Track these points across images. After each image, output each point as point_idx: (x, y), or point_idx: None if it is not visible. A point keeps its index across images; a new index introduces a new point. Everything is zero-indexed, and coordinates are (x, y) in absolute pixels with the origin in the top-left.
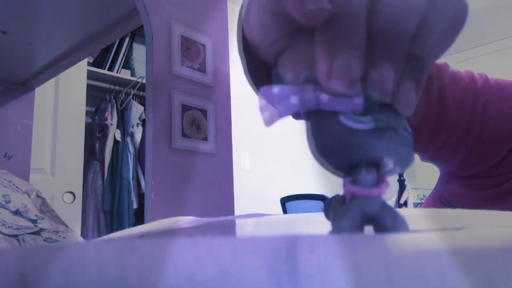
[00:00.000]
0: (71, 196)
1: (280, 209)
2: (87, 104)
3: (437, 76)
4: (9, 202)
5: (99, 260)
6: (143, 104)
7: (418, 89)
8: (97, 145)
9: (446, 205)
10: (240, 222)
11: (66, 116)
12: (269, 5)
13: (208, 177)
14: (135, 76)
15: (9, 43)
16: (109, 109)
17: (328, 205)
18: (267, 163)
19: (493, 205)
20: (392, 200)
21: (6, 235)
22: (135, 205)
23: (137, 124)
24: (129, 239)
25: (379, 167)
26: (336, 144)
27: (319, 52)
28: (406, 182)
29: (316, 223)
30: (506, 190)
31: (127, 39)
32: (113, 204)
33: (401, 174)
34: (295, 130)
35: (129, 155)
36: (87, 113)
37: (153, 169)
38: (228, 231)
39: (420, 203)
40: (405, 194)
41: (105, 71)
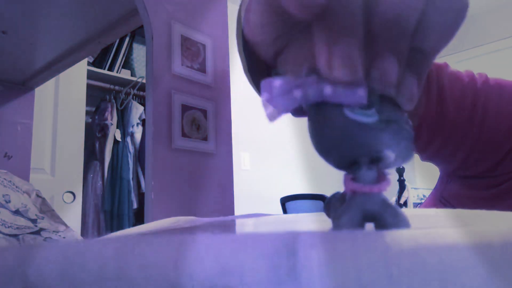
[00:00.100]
0: (71, 196)
1: (280, 209)
2: (87, 104)
3: (437, 76)
4: (9, 202)
5: (100, 258)
6: (143, 104)
7: (420, 83)
8: (97, 145)
9: (446, 205)
10: (240, 222)
11: (66, 116)
12: (269, 3)
13: (208, 177)
14: (135, 76)
15: (9, 43)
16: (109, 109)
17: (328, 203)
18: (267, 163)
19: (493, 205)
20: (392, 200)
21: (6, 235)
22: (135, 205)
23: (137, 124)
24: (129, 237)
25: (380, 164)
26: (340, 138)
27: (318, 44)
28: (406, 182)
29: (317, 223)
30: (506, 190)
31: (127, 39)
32: (113, 204)
33: (401, 174)
34: (295, 130)
35: (129, 155)
36: (87, 113)
37: (153, 169)
38: (228, 230)
39: (420, 203)
40: (405, 194)
41: (105, 71)
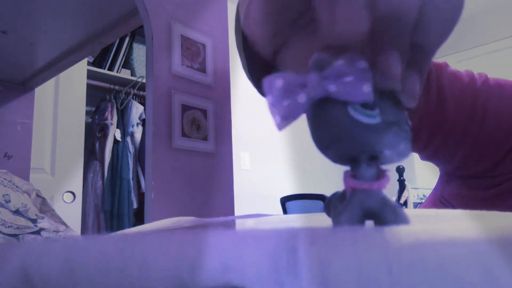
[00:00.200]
0: (71, 196)
1: (280, 209)
2: (87, 104)
3: (437, 75)
4: (9, 202)
5: (102, 254)
6: (143, 104)
7: (422, 80)
8: (97, 145)
9: (446, 205)
10: (241, 222)
11: (66, 116)
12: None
13: (208, 177)
14: (135, 76)
15: (9, 43)
16: (109, 109)
17: (328, 202)
18: (267, 163)
19: (493, 205)
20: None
21: (6, 235)
22: (135, 205)
23: (137, 124)
24: (131, 234)
25: (379, 160)
26: (341, 135)
27: (319, 6)
28: (406, 182)
29: (317, 222)
30: (506, 190)
31: (127, 39)
32: (113, 204)
33: (401, 174)
34: (295, 130)
35: (129, 155)
36: (87, 113)
37: (153, 169)
38: (229, 229)
39: (420, 203)
40: (405, 194)
41: (105, 71)
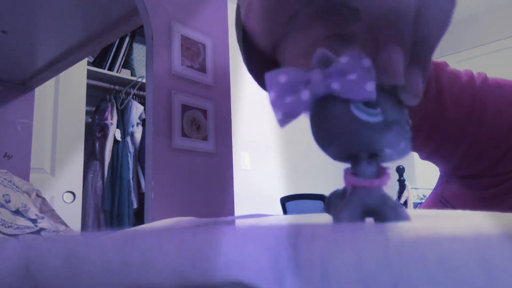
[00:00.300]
0: (71, 196)
1: (280, 209)
2: (87, 104)
3: (436, 74)
4: (9, 202)
5: (103, 251)
6: (143, 104)
7: (424, 77)
8: (97, 145)
9: (446, 205)
10: (241, 222)
11: (66, 116)
12: None
13: (208, 177)
14: (135, 76)
15: (9, 43)
16: (109, 109)
17: (329, 201)
18: (267, 163)
19: (493, 205)
20: None
21: (6, 235)
22: (135, 205)
23: (137, 124)
24: (132, 231)
25: (379, 158)
26: (342, 133)
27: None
28: (406, 182)
29: (318, 222)
30: (506, 190)
31: (127, 39)
32: (113, 204)
33: (401, 174)
34: (295, 130)
35: (129, 155)
36: (87, 113)
37: (153, 169)
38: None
39: (420, 203)
40: (405, 194)
41: (105, 71)
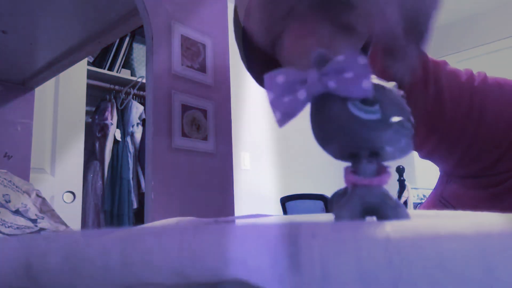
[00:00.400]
0: (71, 196)
1: (280, 209)
2: (87, 104)
3: (434, 72)
4: (9, 202)
5: (104, 249)
6: (143, 104)
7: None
8: (97, 145)
9: (446, 205)
10: (240, 222)
11: (66, 116)
12: None
13: (208, 177)
14: (135, 76)
15: (9, 43)
16: (109, 109)
17: (331, 200)
18: (267, 163)
19: (493, 205)
20: None
21: (6, 235)
22: (135, 205)
23: (137, 124)
24: (133, 229)
25: (380, 156)
26: (341, 132)
27: None
28: (406, 182)
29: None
30: (506, 190)
31: (127, 39)
32: (113, 204)
33: (401, 174)
34: (295, 130)
35: (129, 155)
36: (87, 113)
37: (153, 169)
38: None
39: (420, 203)
40: (405, 194)
41: (105, 71)
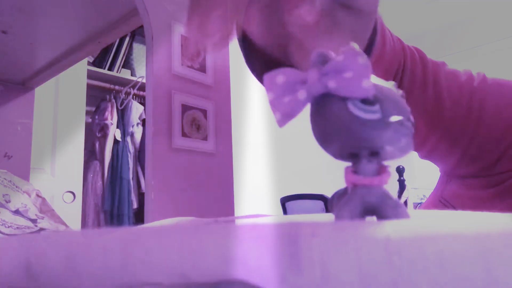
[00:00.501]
0: (71, 196)
1: (280, 209)
2: (87, 104)
3: (434, 73)
4: (9, 202)
5: (104, 248)
6: (143, 104)
7: None
8: (97, 145)
9: (446, 206)
10: (240, 222)
11: (66, 116)
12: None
13: (208, 177)
14: (135, 76)
15: (9, 43)
16: (109, 109)
17: (332, 199)
18: (267, 163)
19: (493, 205)
20: None
21: (6, 235)
22: (135, 205)
23: (137, 124)
24: (133, 229)
25: (380, 156)
26: (341, 131)
27: None
28: (406, 182)
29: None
30: (506, 190)
31: (127, 39)
32: (113, 204)
33: (401, 174)
34: (296, 130)
35: (129, 155)
36: (87, 113)
37: (153, 169)
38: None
39: (420, 203)
40: (405, 194)
41: (105, 71)
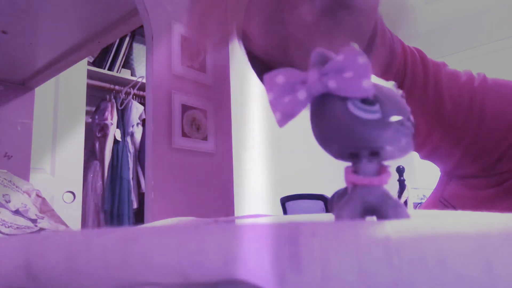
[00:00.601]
0: (71, 196)
1: (280, 209)
2: (87, 104)
3: (434, 73)
4: (9, 202)
5: (104, 248)
6: (143, 104)
7: None
8: (97, 145)
9: (446, 206)
10: (240, 222)
11: (66, 116)
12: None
13: (208, 177)
14: (135, 76)
15: (9, 43)
16: (109, 109)
17: (332, 199)
18: (267, 163)
19: (493, 205)
20: None
21: (6, 235)
22: (135, 205)
23: (137, 124)
24: (133, 228)
25: (380, 156)
26: (341, 131)
27: None
28: (406, 182)
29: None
30: (506, 190)
31: (127, 39)
32: (113, 204)
33: (401, 174)
34: (296, 130)
35: (129, 155)
36: (87, 113)
37: (153, 169)
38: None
39: (420, 203)
40: (405, 194)
41: (105, 71)
